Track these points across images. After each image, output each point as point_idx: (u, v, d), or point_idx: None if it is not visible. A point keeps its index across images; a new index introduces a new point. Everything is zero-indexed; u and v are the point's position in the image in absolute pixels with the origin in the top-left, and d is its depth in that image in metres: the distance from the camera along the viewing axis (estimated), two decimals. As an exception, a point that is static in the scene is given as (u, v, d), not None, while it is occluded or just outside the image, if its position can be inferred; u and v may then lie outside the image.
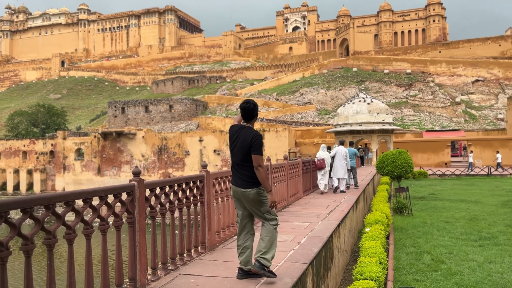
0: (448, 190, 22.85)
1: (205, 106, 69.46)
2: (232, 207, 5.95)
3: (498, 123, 56.94)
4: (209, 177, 5.21)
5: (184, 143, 43.36)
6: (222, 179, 5.70)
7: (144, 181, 3.84)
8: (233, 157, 4.45)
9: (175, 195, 4.51)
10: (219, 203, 5.61)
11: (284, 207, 8.99)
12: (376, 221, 8.91)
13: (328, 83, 71.93)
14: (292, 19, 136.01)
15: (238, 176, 4.41)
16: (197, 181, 4.99)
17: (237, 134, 4.43)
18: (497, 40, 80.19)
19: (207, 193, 5.17)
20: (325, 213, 8.14)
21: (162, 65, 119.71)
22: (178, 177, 4.57)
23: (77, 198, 3.06)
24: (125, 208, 3.64)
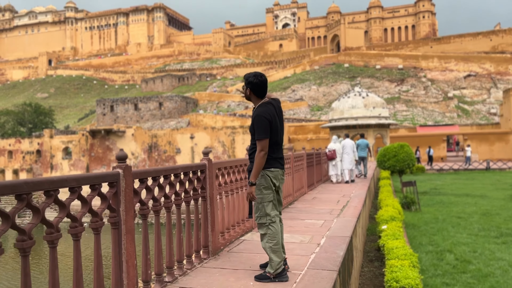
0: (450, 185, 22.18)
1: (196, 104, 68.33)
2: (238, 202, 5.05)
3: (491, 118, 56.73)
4: (211, 166, 4.29)
5: (175, 141, 42.27)
6: (227, 170, 4.79)
7: (131, 168, 2.91)
8: (277, 137, 3.92)
9: (171, 188, 3.59)
10: (223, 198, 4.70)
11: (290, 203, 8.11)
12: (392, 218, 8.06)
13: (319, 79, 71.23)
14: (282, 16, 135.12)
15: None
16: (197, 172, 4.08)
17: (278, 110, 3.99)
18: (488, 35, 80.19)
19: (210, 186, 4.26)
20: (337, 210, 7.27)
21: (151, 63, 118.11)
22: (175, 166, 3.65)
23: (36, 189, 2.14)
24: (106, 203, 2.72)
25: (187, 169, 3.84)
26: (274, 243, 3.68)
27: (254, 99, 3.91)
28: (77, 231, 2.45)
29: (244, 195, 5.16)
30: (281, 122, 3.98)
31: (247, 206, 5.47)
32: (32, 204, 2.10)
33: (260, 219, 3.78)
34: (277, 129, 3.88)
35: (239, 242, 4.86)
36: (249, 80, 3.85)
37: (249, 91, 3.87)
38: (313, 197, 9.12)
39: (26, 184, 2.04)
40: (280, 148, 4.01)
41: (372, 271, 7.08)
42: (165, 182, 3.47)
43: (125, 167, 2.85)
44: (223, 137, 40.77)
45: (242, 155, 40.19)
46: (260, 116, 3.76)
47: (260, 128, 3.75)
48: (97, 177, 2.61)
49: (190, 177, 3.92)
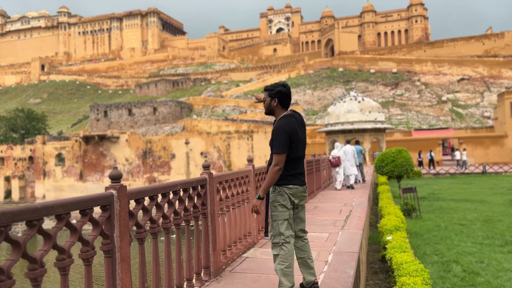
0: (447, 189, 22.01)
1: (190, 108, 67.97)
2: (240, 216, 4.76)
3: (485, 121, 56.89)
4: (212, 181, 4.00)
5: (169, 146, 41.88)
6: (228, 183, 4.50)
7: (126, 188, 2.62)
8: (297, 152, 3.74)
9: (170, 207, 3.30)
10: (224, 213, 4.41)
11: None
12: (396, 228, 7.79)
13: (314, 83, 71.19)
14: (276, 21, 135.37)
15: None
16: (197, 187, 3.78)
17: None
18: (480, 39, 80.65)
19: (211, 201, 3.97)
20: (341, 220, 7.00)
21: (145, 68, 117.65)
22: (174, 182, 3.35)
23: (17, 219, 1.84)
24: (98, 230, 2.42)
25: (187, 185, 3.55)
26: (285, 266, 3.45)
27: (278, 110, 3.74)
28: (65, 264, 2.14)
29: (249, 208, 4.97)
30: (303, 136, 3.83)
31: (249, 220, 5.19)
32: (10, 238, 1.80)
33: (273, 238, 3.56)
34: (297, 144, 3.71)
35: (241, 260, 4.57)
36: (278, 90, 3.70)
37: (277, 102, 3.70)
38: (314, 206, 8.84)
39: (3, 215, 1.74)
40: (301, 163, 3.82)
41: (377, 284, 6.80)
42: (163, 201, 3.18)
43: (119, 187, 2.55)
44: (219, 142, 40.46)
45: (237, 160, 39.89)
46: (280, 129, 3.60)
47: (279, 141, 3.57)
48: (88, 200, 2.32)
49: (190, 193, 3.63)
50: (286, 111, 3.74)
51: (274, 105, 3.71)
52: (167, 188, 3.19)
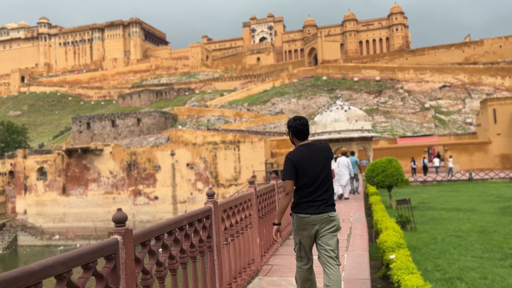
0: (437, 198, 22.02)
1: (175, 119, 67.37)
2: (244, 243, 4.47)
3: (467, 127, 57.74)
4: (217, 210, 3.71)
5: (154, 158, 41.28)
6: (232, 210, 4.21)
7: (132, 232, 2.31)
8: (306, 179, 4.08)
9: (176, 245, 2.99)
10: (229, 243, 4.11)
11: (291, 232, 7.54)
12: (398, 245, 7.56)
13: (299, 92, 71.41)
14: (259, 30, 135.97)
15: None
16: (203, 219, 3.48)
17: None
18: (460, 46, 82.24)
19: (216, 233, 3.67)
20: (343, 240, 6.75)
21: (128, 78, 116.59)
22: (180, 217, 3.05)
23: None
24: (103, 284, 2.10)
25: (193, 218, 3.25)
26: (297, 277, 4.07)
27: (296, 142, 4.22)
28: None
29: (252, 233, 4.80)
30: (318, 165, 4.01)
31: (252, 246, 4.90)
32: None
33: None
34: (305, 172, 3.94)
35: (247, 292, 4.27)
36: (289, 124, 4.22)
37: (291, 135, 4.20)
38: (312, 224, 8.59)
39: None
40: (317, 192, 3.97)
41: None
42: (169, 239, 2.87)
43: (125, 232, 2.25)
44: (205, 153, 40.04)
45: (224, 171, 39.49)
46: (286, 158, 4.07)
47: (284, 169, 4.02)
48: (91, 252, 2.01)
49: (196, 227, 3.32)
50: (303, 141, 4.19)
51: (291, 138, 4.24)
52: (173, 225, 2.89)
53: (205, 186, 39.82)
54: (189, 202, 40.02)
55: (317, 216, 3.87)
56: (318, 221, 3.85)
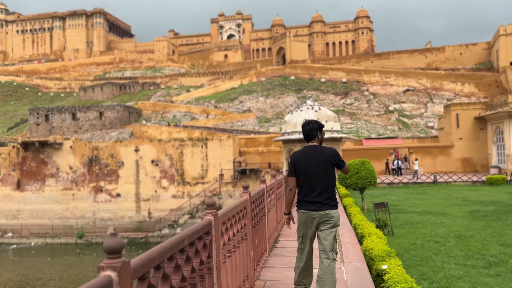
0: (405, 200, 22.16)
1: (139, 113, 65.49)
2: (240, 257, 3.87)
3: (429, 131, 59.32)
4: (217, 223, 3.09)
5: (118, 153, 39.74)
6: (230, 221, 3.60)
7: (130, 265, 1.67)
8: (304, 179, 4.60)
9: (176, 273, 2.34)
10: (226, 260, 3.49)
11: (276, 239, 6.98)
12: (387, 253, 7.16)
13: (267, 91, 71.15)
14: (227, 27, 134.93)
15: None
16: (203, 235, 2.85)
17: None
18: (423, 52, 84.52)
19: (217, 251, 3.06)
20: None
21: (90, 70, 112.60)
22: (181, 237, 2.40)
23: None
24: None
25: (194, 236, 2.61)
26: (296, 266, 4.51)
27: (306, 143, 4.74)
28: None
29: (247, 246, 4.29)
30: (317, 166, 4.39)
31: (246, 260, 4.31)
32: None
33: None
34: (304, 173, 4.42)
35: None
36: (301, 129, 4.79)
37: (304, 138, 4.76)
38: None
39: None
40: (313, 191, 4.39)
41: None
42: (169, 266, 2.23)
43: (121, 266, 1.60)
44: (171, 149, 38.92)
45: (191, 168, 38.53)
46: (290, 157, 4.66)
47: (288, 167, 4.59)
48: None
49: (197, 246, 2.69)
50: (310, 143, 4.65)
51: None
52: (174, 248, 2.25)
53: (171, 184, 38.72)
54: (153, 200, 38.80)
55: (316, 213, 4.34)
56: (317, 217, 4.33)
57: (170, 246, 2.18)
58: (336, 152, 4.55)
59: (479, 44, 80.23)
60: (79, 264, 31.75)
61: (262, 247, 5.37)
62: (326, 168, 4.40)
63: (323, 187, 4.36)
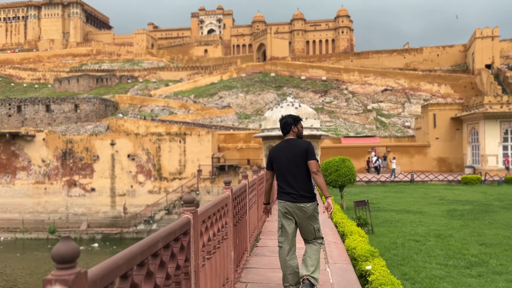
0: (383, 198, 22.22)
1: (116, 107, 64.16)
2: (219, 262, 3.53)
3: (406, 131, 60.10)
4: (197, 221, 2.74)
5: (93, 147, 38.72)
6: (210, 220, 3.25)
7: (87, 276, 1.31)
8: (279, 172, 4.69)
9: (148, 281, 1.99)
10: (205, 262, 3.15)
11: (257, 238, 6.67)
12: (371, 253, 6.96)
13: (247, 87, 70.77)
14: (208, 22, 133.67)
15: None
16: (180, 236, 2.50)
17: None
18: (402, 52, 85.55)
19: (195, 253, 2.71)
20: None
21: (66, 61, 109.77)
22: (154, 239, 2.05)
23: None
24: None
25: (169, 237, 2.26)
26: (280, 261, 4.54)
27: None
28: None
29: (227, 246, 3.94)
30: (289, 158, 4.56)
31: (227, 262, 3.98)
32: None
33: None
34: (277, 163, 4.63)
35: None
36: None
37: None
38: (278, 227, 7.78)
39: None
40: (287, 183, 4.55)
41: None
42: (139, 274, 1.87)
43: (74, 278, 1.26)
44: (148, 144, 38.15)
45: (168, 164, 37.88)
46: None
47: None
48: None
49: (173, 249, 2.34)
50: (286, 137, 4.84)
51: None
52: (146, 252, 1.90)
53: (147, 179, 37.97)
54: (128, 195, 37.98)
55: (292, 204, 4.44)
56: (293, 208, 4.42)
57: (140, 250, 1.83)
58: (308, 145, 4.56)
59: (456, 46, 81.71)
60: (51, 260, 30.77)
61: (243, 246, 5.05)
62: (298, 160, 4.50)
63: (295, 179, 4.49)
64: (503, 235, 11.77)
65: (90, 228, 36.51)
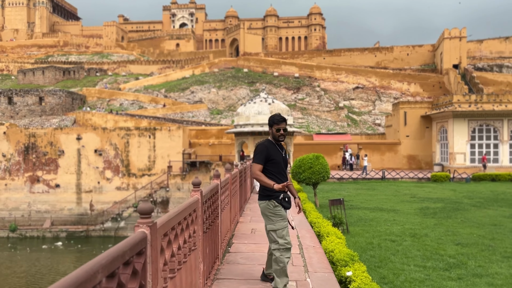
0: (356, 196, 22.09)
1: (83, 100, 62.08)
2: (185, 278, 2.97)
3: (376, 128, 60.83)
4: (155, 237, 2.18)
5: (58, 141, 37.14)
6: (174, 231, 2.69)
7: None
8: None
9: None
10: (168, 282, 2.58)
11: (229, 243, 6.13)
12: (351, 257, 6.55)
13: (219, 82, 69.89)
14: (180, 15, 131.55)
15: None
16: (132, 258, 1.93)
17: None
18: (373, 51, 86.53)
19: (153, 276, 2.15)
20: (296, 255, 5.51)
21: (31, 52, 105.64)
22: (90, 269, 1.48)
23: None
24: None
25: (114, 264, 1.69)
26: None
27: None
28: None
29: (195, 258, 3.29)
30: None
31: (194, 277, 3.42)
32: None
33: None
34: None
35: None
36: None
37: None
38: (251, 229, 7.26)
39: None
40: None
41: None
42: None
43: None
44: (116, 139, 36.90)
45: (137, 159, 36.77)
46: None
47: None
48: None
49: (120, 277, 1.77)
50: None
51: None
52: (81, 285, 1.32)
53: (115, 175, 36.73)
54: (95, 191, 36.65)
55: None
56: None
57: (74, 281, 1.26)
58: (256, 146, 4.95)
59: (425, 46, 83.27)
60: (11, 258, 29.35)
61: (214, 254, 4.51)
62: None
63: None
64: (477, 234, 11.68)
65: (54, 226, 35.03)
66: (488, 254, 9.27)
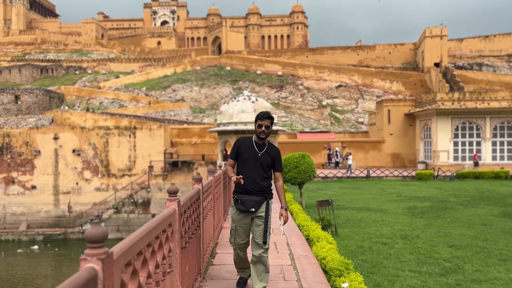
0: (342, 195, 21.71)
1: (62, 99, 60.45)
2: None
3: (359, 126, 60.90)
4: (112, 273, 1.58)
5: (34, 141, 35.86)
6: (142, 256, 2.09)
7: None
8: None
9: None
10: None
11: (212, 253, 5.52)
12: (345, 266, 6.02)
13: (201, 80, 69.03)
14: (161, 13, 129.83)
15: None
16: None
17: None
18: (355, 49, 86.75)
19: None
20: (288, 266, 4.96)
21: (8, 50, 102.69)
22: None
23: None
24: None
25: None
26: None
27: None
28: None
29: (171, 280, 2.68)
30: None
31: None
32: None
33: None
34: None
35: None
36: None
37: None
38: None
39: None
40: None
41: None
42: None
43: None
44: (95, 138, 35.82)
45: (117, 159, 35.76)
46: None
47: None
48: None
49: None
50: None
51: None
52: None
53: (94, 175, 35.66)
54: (73, 193, 35.52)
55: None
56: None
57: None
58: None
59: (407, 45, 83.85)
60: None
61: (195, 271, 3.91)
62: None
63: None
64: (469, 235, 11.34)
65: (30, 228, 33.80)
66: (484, 257, 8.89)
